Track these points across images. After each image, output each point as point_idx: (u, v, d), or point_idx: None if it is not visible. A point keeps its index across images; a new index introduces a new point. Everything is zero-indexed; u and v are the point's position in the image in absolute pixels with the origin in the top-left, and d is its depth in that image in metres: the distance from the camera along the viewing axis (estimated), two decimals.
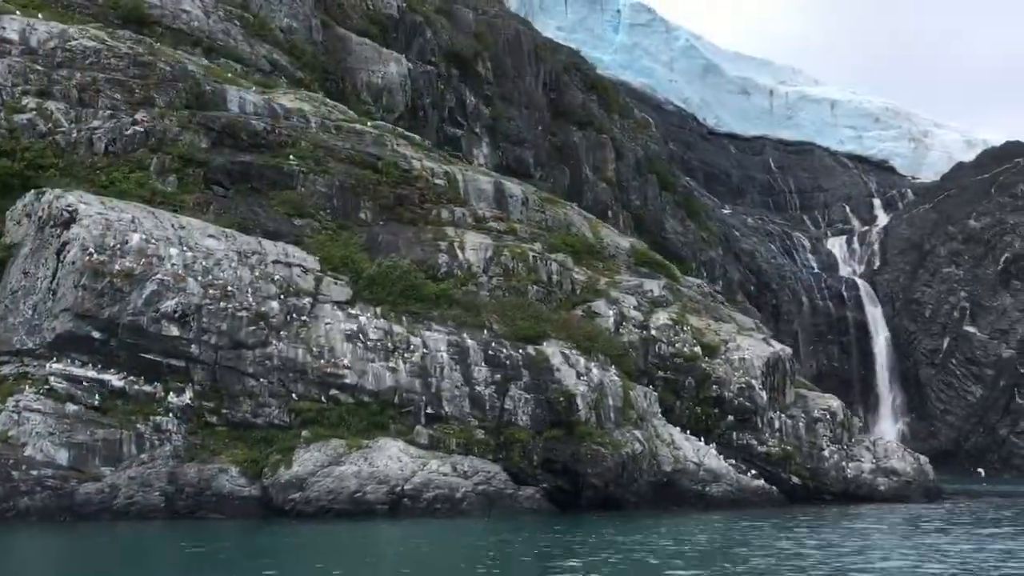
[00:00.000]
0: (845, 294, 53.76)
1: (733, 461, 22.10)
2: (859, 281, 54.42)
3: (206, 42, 26.83)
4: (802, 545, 14.61)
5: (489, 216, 23.57)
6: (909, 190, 58.68)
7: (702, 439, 21.45)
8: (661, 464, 20.39)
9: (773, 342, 24.43)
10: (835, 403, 23.99)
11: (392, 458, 17.96)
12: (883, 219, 57.81)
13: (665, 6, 73.79)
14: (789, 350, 24.49)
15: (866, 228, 57.51)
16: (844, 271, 55.91)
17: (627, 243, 25.86)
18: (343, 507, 17.31)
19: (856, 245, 56.91)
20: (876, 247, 56.04)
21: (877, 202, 58.97)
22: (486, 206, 23.92)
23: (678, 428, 21.32)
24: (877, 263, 55.44)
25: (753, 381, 22.64)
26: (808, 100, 60.04)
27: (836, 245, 57.11)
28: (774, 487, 21.59)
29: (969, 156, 57.55)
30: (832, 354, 53.06)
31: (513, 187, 24.62)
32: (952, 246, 53.38)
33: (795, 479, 22.73)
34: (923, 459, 24.41)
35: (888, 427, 52.78)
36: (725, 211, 55.32)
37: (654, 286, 23.99)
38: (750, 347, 23.31)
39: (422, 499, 17.65)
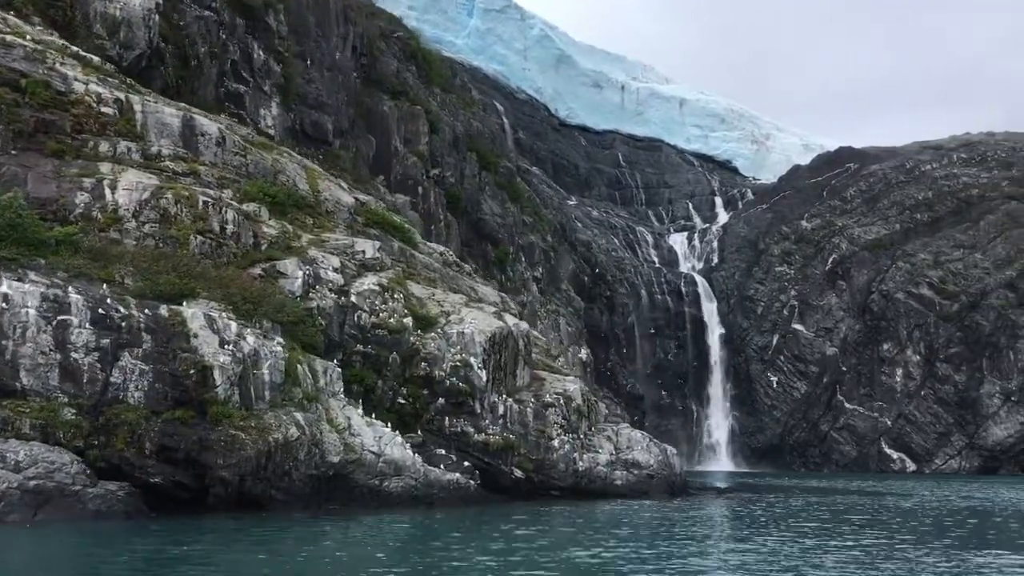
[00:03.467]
0: (683, 289, 51.48)
1: (442, 451, 17.86)
2: (697, 277, 52.23)
3: None
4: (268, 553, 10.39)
5: (167, 155, 18.53)
6: (749, 190, 57.11)
7: (388, 425, 17.01)
8: (326, 454, 15.84)
9: (507, 317, 20.32)
10: (573, 387, 20.06)
11: None
12: (723, 217, 56.00)
13: None
14: (525, 325, 20.44)
15: (707, 226, 55.51)
16: (684, 267, 53.64)
17: (351, 199, 21.25)
18: None
19: (697, 242, 54.78)
20: (715, 244, 54.07)
21: (719, 200, 57.15)
22: (170, 143, 18.87)
23: (360, 411, 16.82)
24: (715, 260, 53.47)
25: (472, 359, 18.45)
26: (658, 97, 57.70)
27: (678, 241, 54.88)
28: (472, 482, 17.38)
29: (806, 159, 56.50)
30: (669, 348, 50.76)
31: (208, 124, 19.63)
32: (785, 246, 51.96)
33: (518, 472, 18.69)
34: (670, 451, 20.85)
35: (719, 421, 50.81)
36: (571, 202, 52.13)
37: (368, 247, 19.49)
38: (474, 320, 19.11)
39: None
